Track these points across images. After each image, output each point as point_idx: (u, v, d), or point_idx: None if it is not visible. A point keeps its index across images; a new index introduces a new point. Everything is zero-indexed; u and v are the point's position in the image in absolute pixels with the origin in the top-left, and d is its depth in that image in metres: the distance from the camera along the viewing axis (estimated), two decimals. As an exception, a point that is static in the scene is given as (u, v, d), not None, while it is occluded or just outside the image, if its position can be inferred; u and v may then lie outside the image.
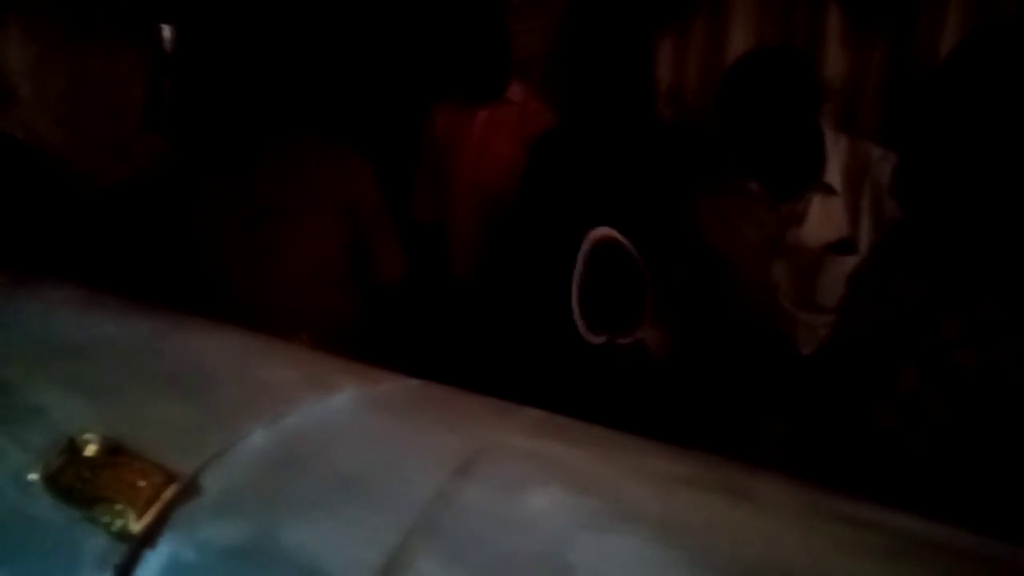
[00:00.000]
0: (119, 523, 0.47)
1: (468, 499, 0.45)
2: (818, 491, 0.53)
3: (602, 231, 1.50)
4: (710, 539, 0.43)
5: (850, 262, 1.46)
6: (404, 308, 1.83)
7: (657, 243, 1.74)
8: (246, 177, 1.68)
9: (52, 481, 0.51)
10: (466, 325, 2.14)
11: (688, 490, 0.47)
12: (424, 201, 2.31)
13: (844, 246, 1.55)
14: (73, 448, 0.52)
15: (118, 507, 0.48)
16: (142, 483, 0.48)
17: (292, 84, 1.69)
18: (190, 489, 0.48)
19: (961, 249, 0.88)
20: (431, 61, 2.37)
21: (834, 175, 1.59)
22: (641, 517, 0.44)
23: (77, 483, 0.50)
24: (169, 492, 0.48)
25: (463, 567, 0.41)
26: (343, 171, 1.71)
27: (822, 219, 1.59)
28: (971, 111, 0.81)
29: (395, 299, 1.82)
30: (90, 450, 0.51)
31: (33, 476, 0.52)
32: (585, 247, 1.48)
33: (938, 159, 0.85)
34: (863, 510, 0.51)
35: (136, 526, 0.47)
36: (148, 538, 0.47)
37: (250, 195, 1.67)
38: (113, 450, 0.51)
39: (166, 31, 2.15)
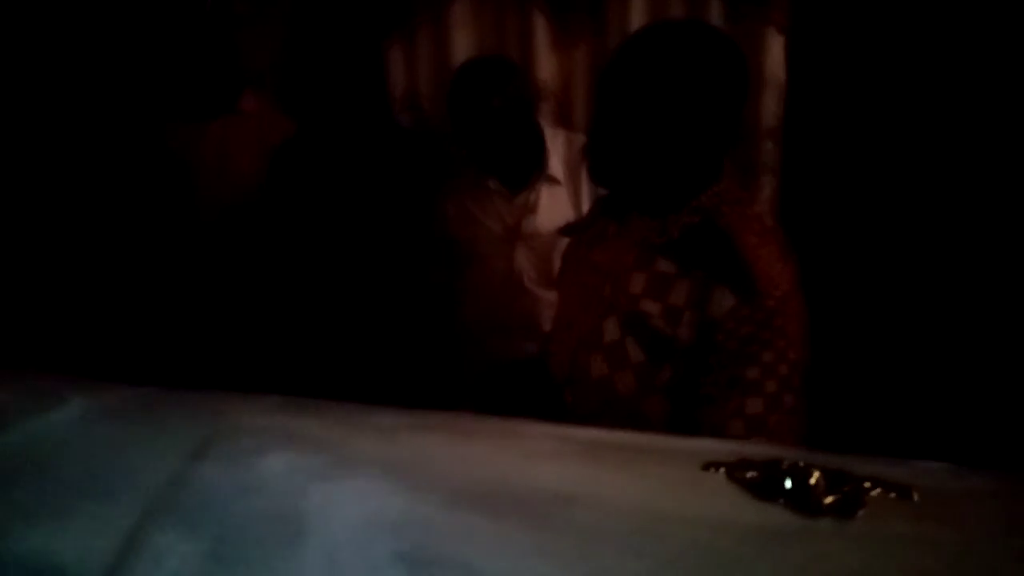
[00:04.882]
0: None
1: (204, 475, 0.48)
2: (525, 422, 0.63)
3: None
4: (427, 469, 0.50)
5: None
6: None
7: (407, 242, 1.83)
8: None
9: None
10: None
11: (409, 435, 0.54)
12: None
13: (571, 229, 1.74)
14: None
15: None
16: None
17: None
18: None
19: (639, 213, 1.05)
20: (158, 78, 2.25)
21: (556, 166, 1.78)
22: (367, 462, 0.50)
23: None
24: None
25: (201, 533, 0.44)
26: None
27: (551, 206, 1.78)
28: (629, 97, 0.97)
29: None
30: None
31: None
32: None
33: (610, 139, 1.01)
34: (560, 429, 0.61)
35: None
36: None
37: None
38: None
39: None
